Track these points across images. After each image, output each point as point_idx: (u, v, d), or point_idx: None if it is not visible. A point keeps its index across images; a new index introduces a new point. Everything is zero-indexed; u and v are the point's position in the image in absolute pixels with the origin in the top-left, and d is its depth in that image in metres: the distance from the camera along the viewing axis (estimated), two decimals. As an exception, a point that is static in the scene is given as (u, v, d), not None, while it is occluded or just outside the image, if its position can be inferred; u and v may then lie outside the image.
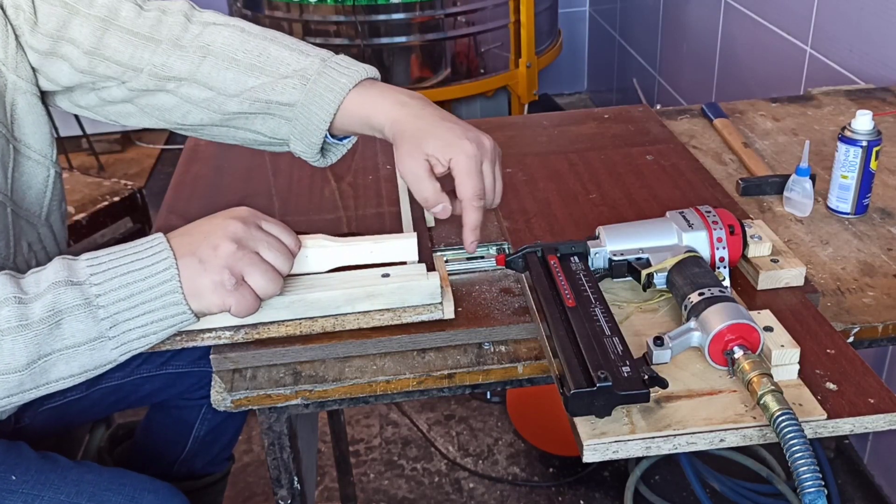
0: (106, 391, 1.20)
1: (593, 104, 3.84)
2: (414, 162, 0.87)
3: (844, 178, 1.05)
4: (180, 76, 0.95)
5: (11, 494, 0.95)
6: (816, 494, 0.64)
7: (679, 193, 1.07)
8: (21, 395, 0.76)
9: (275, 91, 0.93)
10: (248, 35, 0.96)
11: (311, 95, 0.92)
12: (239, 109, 0.95)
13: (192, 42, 0.95)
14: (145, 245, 0.78)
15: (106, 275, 0.75)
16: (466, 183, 0.86)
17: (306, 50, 0.95)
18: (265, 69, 0.94)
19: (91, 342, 0.75)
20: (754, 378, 0.70)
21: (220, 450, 1.38)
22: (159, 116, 0.98)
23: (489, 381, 0.84)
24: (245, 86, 0.94)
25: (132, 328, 0.76)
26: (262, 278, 0.77)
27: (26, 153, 0.96)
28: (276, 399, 0.82)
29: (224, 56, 0.94)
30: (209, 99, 0.95)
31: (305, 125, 0.94)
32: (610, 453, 0.69)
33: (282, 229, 0.82)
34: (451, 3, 2.47)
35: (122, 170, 3.39)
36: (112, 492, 0.99)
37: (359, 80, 0.92)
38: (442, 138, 0.87)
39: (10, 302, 0.73)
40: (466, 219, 0.86)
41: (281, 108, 0.94)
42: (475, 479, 1.94)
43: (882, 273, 0.95)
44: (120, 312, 0.75)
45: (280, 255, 0.79)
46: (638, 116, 1.33)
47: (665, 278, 0.84)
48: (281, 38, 0.97)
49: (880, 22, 1.63)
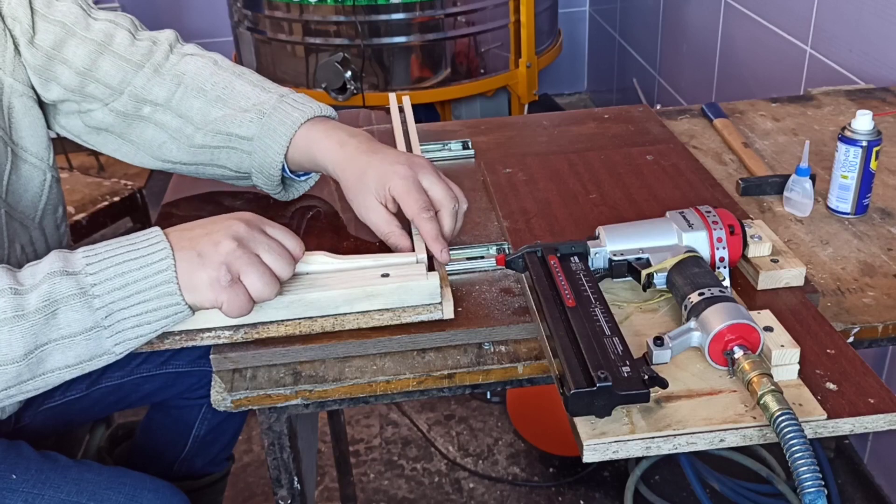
0: (106, 391, 1.20)
1: (593, 104, 3.84)
2: (363, 200, 0.94)
3: (844, 178, 1.05)
4: (157, 101, 1.01)
5: (12, 493, 0.95)
6: (816, 494, 0.64)
7: (679, 193, 1.07)
8: (19, 388, 0.76)
9: (234, 123, 0.99)
10: (219, 68, 1.03)
11: (266, 129, 0.99)
12: (203, 142, 1.01)
13: (169, 70, 1.02)
14: (142, 237, 0.78)
15: (101, 265, 0.75)
16: (408, 201, 0.90)
17: (268, 87, 1.02)
18: (228, 101, 1.01)
19: (87, 332, 0.75)
20: (754, 378, 0.70)
21: (220, 449, 1.38)
22: (139, 147, 1.05)
23: (489, 381, 0.84)
24: (209, 116, 1.01)
25: (127, 317, 0.75)
26: (258, 280, 0.77)
27: (23, 156, 0.97)
28: (276, 399, 0.82)
29: (194, 86, 1.01)
30: (179, 129, 1.02)
31: (263, 158, 1.00)
32: (610, 453, 0.69)
33: (285, 234, 0.82)
34: (451, 3, 2.47)
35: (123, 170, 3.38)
36: (112, 490, 1.00)
37: (311, 116, 0.99)
38: (377, 170, 0.92)
39: (5, 293, 0.73)
40: (424, 232, 0.89)
41: (241, 142, 1.00)
42: (475, 479, 1.94)
43: (882, 273, 0.95)
44: (115, 302, 0.75)
45: (280, 260, 0.79)
46: (638, 116, 1.33)
47: (665, 278, 0.84)
48: (249, 74, 1.04)
49: (880, 22, 1.63)
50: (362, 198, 0.94)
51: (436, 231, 0.89)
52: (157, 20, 3.39)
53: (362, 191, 0.94)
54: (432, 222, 0.90)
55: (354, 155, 0.95)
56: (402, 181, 0.91)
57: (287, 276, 0.80)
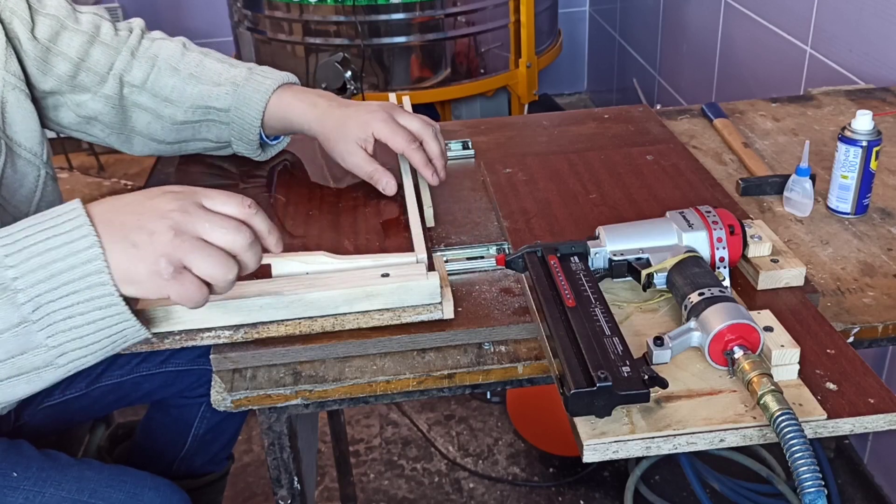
0: (105, 389, 1.21)
1: (593, 104, 3.84)
2: (344, 146, 1.05)
3: (844, 178, 1.05)
4: (134, 83, 1.08)
5: (13, 491, 0.96)
6: (816, 494, 0.64)
7: (679, 193, 1.07)
8: None
9: (210, 97, 1.08)
10: (187, 49, 1.12)
11: (242, 99, 1.08)
12: (185, 118, 1.09)
13: (144, 53, 1.09)
14: (63, 219, 0.70)
15: (22, 255, 0.68)
16: (394, 139, 1.03)
17: (234, 63, 1.12)
18: (201, 78, 1.09)
19: (14, 328, 0.68)
20: (754, 378, 0.70)
21: (220, 449, 1.38)
22: (130, 131, 1.11)
23: (489, 381, 0.84)
24: (185, 93, 1.08)
25: (57, 309, 0.68)
26: (206, 264, 0.69)
27: (17, 151, 0.98)
28: (276, 399, 0.82)
29: (167, 65, 1.09)
30: (157, 109, 1.09)
31: (241, 125, 1.09)
32: (610, 453, 0.69)
33: (226, 200, 0.73)
34: (451, 3, 2.47)
35: (122, 170, 3.38)
36: (113, 488, 1.00)
37: (280, 83, 1.09)
38: (356, 119, 1.04)
39: None
40: (414, 161, 1.03)
41: (219, 114, 1.09)
42: (475, 479, 1.94)
43: (882, 273, 0.95)
44: (41, 294, 0.68)
45: (228, 232, 0.70)
46: (638, 116, 1.33)
47: (665, 278, 0.84)
48: (214, 54, 1.13)
49: (880, 22, 1.63)
50: (343, 145, 1.05)
51: (424, 158, 1.03)
52: (157, 20, 3.39)
53: (343, 139, 1.05)
54: (420, 151, 1.03)
55: (328, 110, 1.07)
56: (383, 124, 1.02)
57: (240, 245, 0.71)
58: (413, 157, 1.03)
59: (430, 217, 1.03)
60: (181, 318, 0.82)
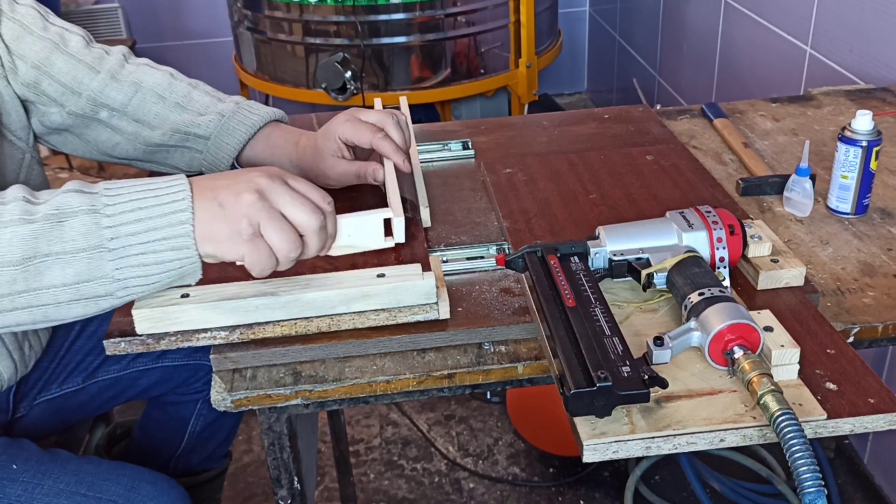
0: (102, 385, 1.21)
1: (593, 104, 3.84)
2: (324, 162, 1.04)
3: (844, 178, 1.05)
4: (113, 106, 1.07)
5: (12, 483, 0.97)
6: (816, 494, 0.64)
7: (679, 193, 1.07)
8: (11, 299, 0.73)
9: (194, 125, 1.07)
10: (175, 80, 1.10)
11: (225, 129, 1.07)
12: (161, 141, 1.08)
13: (126, 77, 1.08)
14: (166, 179, 0.77)
15: (120, 191, 0.75)
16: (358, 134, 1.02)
17: (223, 97, 1.11)
18: (187, 108, 1.08)
19: (90, 250, 0.73)
20: (754, 378, 0.70)
21: (217, 446, 1.38)
22: (94, 147, 1.10)
23: (489, 381, 0.84)
24: (168, 120, 1.08)
25: (133, 244, 0.73)
26: (277, 235, 0.74)
27: (4, 133, 1.02)
28: (276, 399, 0.82)
29: (153, 92, 1.08)
30: (136, 132, 1.08)
31: (216, 155, 1.08)
32: (610, 453, 0.69)
33: (310, 187, 0.79)
34: (451, 3, 2.47)
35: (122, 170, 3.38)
36: (111, 482, 1.00)
37: (268, 119, 1.09)
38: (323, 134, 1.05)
39: (18, 199, 0.74)
40: (383, 150, 1.01)
41: (197, 141, 1.08)
42: (475, 479, 1.94)
43: (882, 273, 0.95)
44: (124, 225, 0.73)
45: (304, 211, 0.76)
46: (638, 116, 1.33)
47: (665, 278, 0.84)
48: (203, 86, 1.12)
49: (880, 22, 1.63)
50: (324, 165, 1.05)
51: (392, 146, 1.01)
52: (157, 20, 3.39)
53: (320, 158, 1.05)
54: (386, 140, 1.01)
55: (307, 144, 1.07)
56: (345, 124, 1.02)
57: (312, 226, 0.76)
58: (380, 146, 1.01)
59: (426, 218, 1.03)
60: (177, 318, 0.82)
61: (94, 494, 0.98)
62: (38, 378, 1.15)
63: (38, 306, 0.74)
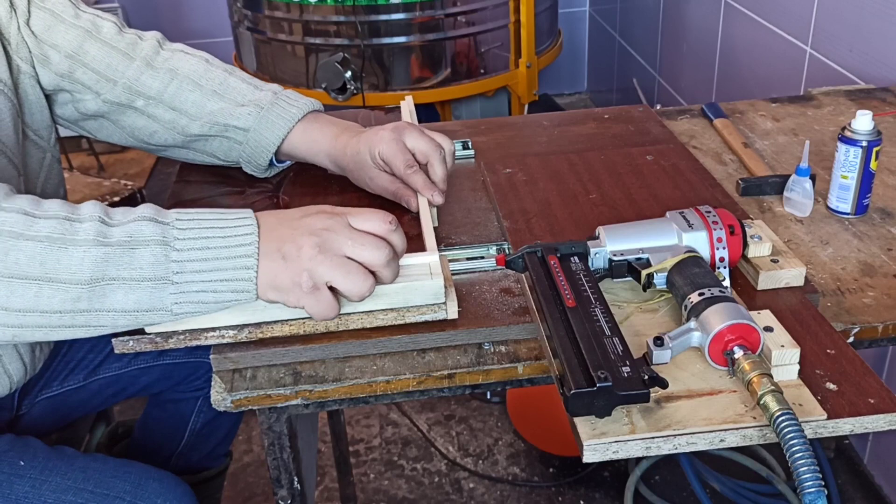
0: (103, 382, 1.22)
1: (593, 104, 3.84)
2: (366, 173, 1.04)
3: (844, 179, 1.05)
4: (149, 94, 1.06)
5: (20, 479, 0.97)
6: (816, 494, 0.64)
7: (679, 193, 1.07)
8: (72, 316, 0.75)
9: (233, 116, 1.06)
10: (211, 66, 1.09)
11: (264, 122, 1.06)
12: (200, 132, 1.07)
13: (162, 64, 1.07)
14: (235, 213, 0.79)
15: (190, 224, 0.77)
16: (394, 162, 1.00)
17: (260, 85, 1.10)
18: (224, 96, 1.07)
19: (155, 280, 0.75)
20: (754, 378, 0.70)
21: (217, 444, 1.39)
22: (129, 133, 1.09)
23: (489, 382, 0.84)
24: (205, 109, 1.06)
25: (196, 281, 0.76)
26: (344, 281, 0.77)
27: (27, 133, 1.01)
28: (276, 399, 0.82)
29: (189, 80, 1.07)
30: (173, 120, 1.07)
31: (255, 148, 1.08)
32: (610, 453, 0.69)
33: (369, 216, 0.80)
34: (451, 3, 2.47)
35: (123, 170, 3.39)
36: (118, 479, 1.01)
37: (306, 111, 1.07)
38: (366, 144, 1.02)
39: (95, 219, 0.75)
40: (414, 184, 1.00)
41: (236, 132, 1.07)
42: (475, 480, 1.94)
43: (882, 273, 0.95)
44: (191, 262, 0.76)
45: (368, 249, 0.77)
46: (638, 116, 1.33)
47: (665, 278, 0.84)
48: (239, 73, 1.11)
49: (880, 22, 1.63)
50: (364, 172, 1.04)
51: (424, 181, 1.00)
52: (157, 20, 3.39)
53: (362, 167, 1.04)
54: (418, 174, 1.00)
55: (348, 142, 1.05)
56: (386, 145, 1.00)
57: (379, 262, 0.78)
58: (412, 181, 1.00)
59: (433, 216, 1.03)
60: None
61: (101, 491, 0.99)
62: (41, 376, 1.15)
63: (95, 326, 0.77)
